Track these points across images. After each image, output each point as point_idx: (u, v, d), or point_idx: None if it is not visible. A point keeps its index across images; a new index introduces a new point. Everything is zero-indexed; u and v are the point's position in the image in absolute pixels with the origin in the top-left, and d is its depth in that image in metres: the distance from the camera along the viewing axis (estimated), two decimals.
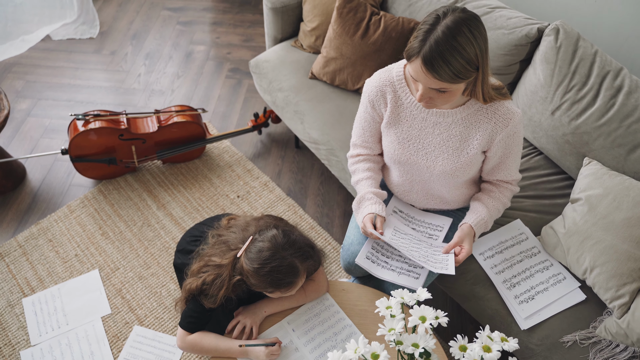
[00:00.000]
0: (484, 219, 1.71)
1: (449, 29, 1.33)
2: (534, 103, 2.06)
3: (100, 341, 2.09)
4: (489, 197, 1.75)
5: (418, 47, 1.36)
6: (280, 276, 1.52)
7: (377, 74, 1.68)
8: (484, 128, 1.59)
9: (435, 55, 1.34)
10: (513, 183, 1.77)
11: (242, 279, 1.59)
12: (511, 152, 1.65)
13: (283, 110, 2.45)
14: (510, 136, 1.59)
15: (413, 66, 1.41)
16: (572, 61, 1.95)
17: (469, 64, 1.37)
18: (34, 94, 3.07)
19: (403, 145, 1.69)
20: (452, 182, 1.72)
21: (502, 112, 1.56)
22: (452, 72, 1.36)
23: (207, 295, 1.63)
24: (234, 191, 2.58)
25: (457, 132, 1.62)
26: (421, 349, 1.24)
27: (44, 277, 2.28)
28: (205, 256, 1.68)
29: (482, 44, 1.38)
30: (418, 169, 1.72)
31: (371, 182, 1.79)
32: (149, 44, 3.41)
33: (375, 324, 1.70)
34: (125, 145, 2.48)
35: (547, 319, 1.73)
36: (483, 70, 1.42)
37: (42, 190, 2.61)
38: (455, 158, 1.65)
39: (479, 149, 1.62)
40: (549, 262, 1.85)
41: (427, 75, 1.39)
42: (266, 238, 1.57)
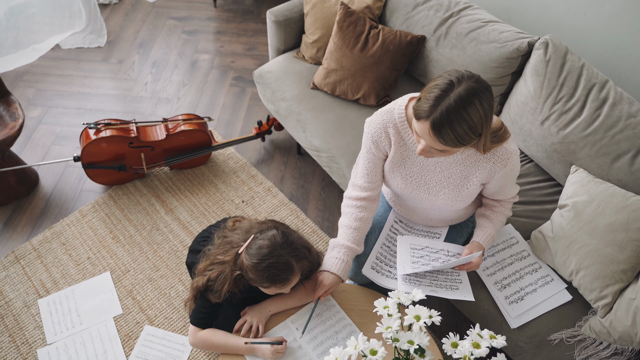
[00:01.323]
0: (491, 234, 1.82)
1: (461, 100, 1.37)
2: (525, 113, 2.16)
3: (112, 340, 2.19)
4: (492, 212, 1.84)
5: (428, 111, 1.40)
6: (277, 272, 1.63)
7: (378, 114, 1.71)
8: (482, 167, 1.66)
9: (445, 123, 1.39)
10: (513, 197, 1.87)
11: (241, 274, 1.70)
12: (509, 182, 1.73)
13: (286, 119, 2.56)
14: (508, 173, 1.67)
15: (420, 126, 1.45)
16: (560, 74, 2.06)
17: (473, 133, 1.42)
18: (44, 101, 3.18)
19: (406, 181, 1.77)
20: (453, 209, 1.82)
21: (501, 154, 1.62)
22: (455, 139, 1.42)
23: (212, 291, 1.74)
24: (239, 196, 2.69)
25: (458, 170, 1.69)
26: (416, 346, 1.35)
27: (58, 279, 2.38)
28: (211, 256, 1.79)
29: (489, 114, 1.42)
30: (420, 200, 1.82)
31: (355, 235, 1.81)
32: (155, 52, 3.52)
33: (374, 322, 1.80)
34: (135, 153, 2.59)
35: (536, 318, 1.84)
36: (485, 135, 1.47)
37: (54, 195, 2.72)
38: (455, 193, 1.73)
39: (478, 184, 1.71)
40: (537, 265, 1.96)
41: (433, 138, 1.44)
42: (266, 237, 1.68)
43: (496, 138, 1.57)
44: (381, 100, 2.43)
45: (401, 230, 1.98)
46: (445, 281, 1.76)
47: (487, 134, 1.47)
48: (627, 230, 1.76)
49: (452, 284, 1.75)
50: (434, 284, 1.73)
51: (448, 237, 1.96)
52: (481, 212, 1.88)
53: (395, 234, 1.97)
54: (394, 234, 1.97)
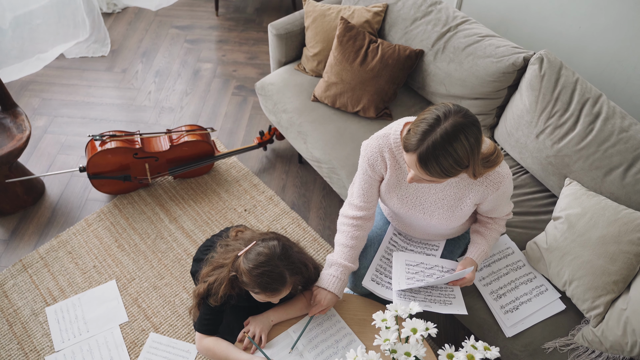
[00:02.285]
0: (484, 250, 1.87)
1: (447, 135, 1.42)
2: (520, 126, 2.22)
3: (118, 347, 2.25)
4: (486, 229, 1.90)
5: (415, 145, 1.46)
6: (269, 280, 1.68)
7: (374, 139, 1.76)
8: (475, 190, 1.72)
9: (430, 157, 1.45)
10: (507, 215, 1.92)
11: (236, 276, 1.75)
12: (502, 203, 1.78)
13: (287, 130, 2.62)
14: (501, 195, 1.73)
15: (408, 158, 1.52)
16: (555, 89, 2.11)
17: (459, 165, 1.48)
18: (49, 111, 3.24)
19: (402, 201, 1.83)
20: (448, 227, 1.87)
21: (493, 178, 1.68)
22: (441, 172, 1.48)
23: (211, 295, 1.80)
24: (241, 205, 2.75)
25: (451, 193, 1.75)
26: (412, 357, 1.41)
27: (64, 287, 2.44)
28: (213, 262, 1.85)
29: (474, 148, 1.46)
30: (415, 218, 1.88)
31: (351, 254, 1.86)
32: (158, 61, 3.58)
33: (373, 331, 1.86)
34: (139, 163, 2.65)
35: (530, 327, 1.89)
36: (473, 165, 1.51)
37: (60, 205, 2.77)
38: (450, 213, 1.79)
39: (472, 205, 1.76)
40: (532, 275, 2.01)
41: (420, 170, 1.51)
42: (267, 245, 1.73)
43: (488, 163, 1.62)
44: (380, 112, 2.49)
45: (400, 243, 2.04)
46: (439, 296, 1.82)
47: (475, 164, 1.52)
48: (619, 242, 1.82)
49: (445, 299, 1.81)
50: (428, 299, 1.79)
51: (446, 249, 2.01)
52: (475, 229, 1.94)
53: (395, 246, 2.03)
54: (393, 246, 2.03)
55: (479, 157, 1.54)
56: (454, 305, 1.77)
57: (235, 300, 1.85)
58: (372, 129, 2.43)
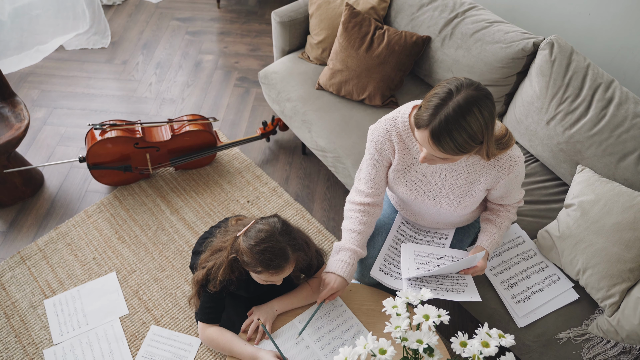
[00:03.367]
0: (495, 238, 1.82)
1: (460, 108, 1.38)
2: (530, 113, 2.17)
3: (119, 340, 2.20)
4: (497, 217, 1.84)
5: (427, 120, 1.42)
6: (272, 257, 1.62)
7: (382, 122, 1.71)
8: (487, 174, 1.66)
9: (443, 132, 1.40)
10: (518, 202, 1.87)
11: (236, 258, 1.70)
12: (513, 188, 1.73)
13: (291, 120, 2.57)
14: (513, 180, 1.68)
15: (420, 134, 1.46)
16: (566, 74, 2.06)
17: (473, 141, 1.43)
18: (49, 102, 3.18)
19: (411, 187, 1.77)
20: (458, 214, 1.83)
21: (505, 161, 1.63)
22: (455, 147, 1.43)
23: (210, 281, 1.74)
24: (244, 196, 2.70)
25: (462, 177, 1.70)
26: (425, 345, 1.35)
27: (63, 279, 2.39)
28: (211, 248, 1.80)
29: (489, 122, 1.42)
30: (425, 205, 1.82)
31: (359, 239, 1.80)
32: (159, 53, 3.53)
33: (382, 322, 1.81)
34: (140, 153, 2.59)
35: (543, 317, 1.84)
36: (487, 142, 1.47)
37: (59, 196, 2.72)
38: (460, 200, 1.74)
39: (483, 190, 1.71)
40: (544, 264, 1.96)
41: (432, 147, 1.45)
42: (266, 222, 1.68)
43: (501, 145, 1.57)
44: (386, 100, 2.44)
45: (408, 232, 1.98)
46: (451, 285, 1.76)
47: (489, 141, 1.47)
48: (634, 229, 1.76)
49: (457, 287, 1.75)
50: (439, 287, 1.74)
51: (455, 238, 1.96)
52: (486, 217, 1.88)
53: (403, 235, 1.97)
54: (401, 235, 1.97)
55: (493, 133, 1.49)
56: (466, 292, 1.71)
57: (235, 285, 1.79)
58: (378, 117, 2.37)
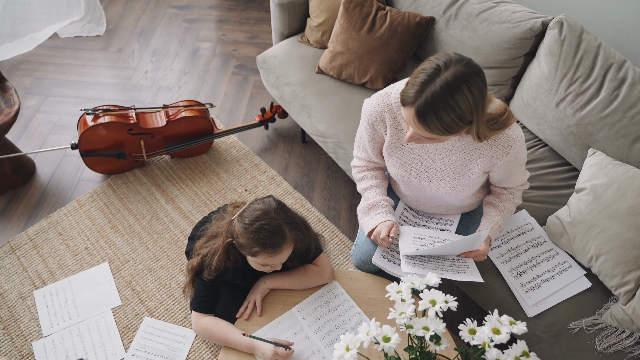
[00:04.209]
0: (498, 223, 1.72)
1: (447, 85, 1.30)
2: (539, 95, 2.08)
3: (111, 332, 2.11)
4: (499, 200, 1.75)
5: (413, 98, 1.34)
6: (267, 235, 1.56)
7: (375, 97, 1.65)
8: (484, 155, 1.58)
9: (429, 111, 1.32)
10: (523, 185, 1.78)
11: (232, 242, 1.62)
12: (514, 170, 1.64)
13: (290, 105, 2.48)
14: (512, 161, 1.58)
15: (405, 112, 1.39)
16: (576, 54, 1.98)
17: (461, 121, 1.35)
18: (42, 90, 3.10)
19: (405, 167, 1.70)
20: (457, 198, 1.74)
21: (502, 140, 1.54)
22: (442, 127, 1.35)
23: (206, 268, 1.67)
24: (242, 185, 2.61)
25: (457, 158, 1.62)
26: (432, 332, 1.26)
27: (54, 269, 2.30)
28: (207, 234, 1.73)
29: (479, 101, 1.35)
30: (422, 188, 1.75)
31: (381, 190, 1.79)
32: (155, 41, 3.44)
33: (384, 312, 1.72)
34: (134, 140, 2.51)
35: (553, 307, 1.76)
36: (477, 122, 1.39)
37: (51, 184, 2.64)
38: (457, 181, 1.65)
39: (480, 172, 1.62)
40: (554, 251, 1.87)
41: (418, 126, 1.38)
42: (261, 202, 1.63)
43: (497, 124, 1.48)
44: (389, 84, 2.35)
45: (411, 219, 1.90)
46: (451, 266, 1.68)
47: (479, 121, 1.39)
48: None
49: (459, 269, 1.67)
50: (439, 267, 1.65)
51: (461, 224, 1.87)
52: (488, 201, 1.79)
53: (406, 222, 1.89)
54: (405, 222, 1.89)
55: (484, 113, 1.40)
56: (467, 274, 1.63)
57: (231, 273, 1.72)
58: None
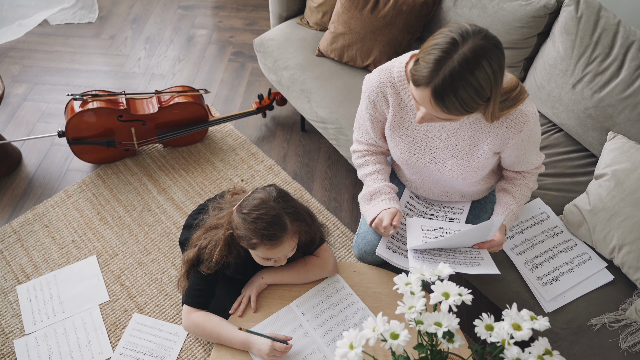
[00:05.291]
0: (513, 210, 1.59)
1: (467, 62, 1.17)
2: (553, 77, 1.95)
3: (97, 329, 1.98)
4: (513, 186, 1.62)
5: (428, 77, 1.20)
6: (266, 225, 1.43)
7: (376, 72, 1.53)
8: (494, 133, 1.44)
9: (448, 91, 1.19)
10: (537, 168, 1.65)
11: (232, 234, 1.50)
12: (528, 150, 1.50)
13: (289, 90, 2.35)
14: (525, 140, 1.45)
15: (420, 93, 1.25)
16: (594, 32, 1.85)
17: (480, 98, 1.23)
18: (30, 78, 2.97)
19: (409, 148, 1.57)
20: (465, 182, 1.61)
21: (515, 117, 1.40)
22: (461, 107, 1.23)
23: (204, 261, 1.54)
24: (238, 175, 2.48)
25: (466, 136, 1.48)
26: (445, 328, 1.14)
27: (39, 263, 2.17)
28: (205, 225, 1.60)
29: (498, 76, 1.23)
30: (427, 171, 1.61)
31: (383, 176, 1.66)
32: (149, 28, 3.31)
33: (390, 307, 1.60)
34: (125, 127, 2.38)
35: (573, 301, 1.63)
36: (494, 100, 1.27)
37: (38, 175, 2.51)
38: (464, 162, 1.52)
39: (491, 153, 1.49)
40: (572, 242, 1.74)
41: (435, 107, 1.25)
42: (262, 190, 1.51)
43: (509, 101, 1.36)
44: None
45: (418, 207, 1.77)
46: (464, 259, 1.54)
47: (495, 98, 1.27)
48: None
49: (472, 261, 1.53)
50: (450, 261, 1.52)
51: (471, 213, 1.74)
52: (501, 186, 1.66)
53: (412, 211, 1.76)
54: (410, 211, 1.76)
55: (501, 88, 1.27)
56: (482, 266, 1.49)
57: (233, 269, 1.59)
58: None
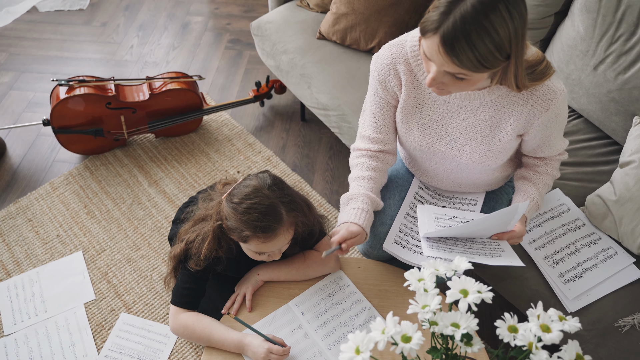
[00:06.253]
0: (535, 199, 1.44)
1: (481, 4, 1.05)
2: (572, 58, 1.81)
3: (82, 330, 1.85)
4: (534, 173, 1.47)
5: (437, 21, 1.07)
6: (259, 216, 1.28)
7: (386, 48, 1.39)
8: (518, 111, 1.30)
9: (459, 35, 1.06)
10: (561, 154, 1.51)
11: (222, 226, 1.36)
12: (554, 132, 1.36)
13: (288, 75, 2.21)
14: (552, 119, 1.31)
15: (428, 43, 1.12)
16: (618, 8, 1.71)
17: (499, 51, 1.09)
18: (17, 66, 2.84)
19: (423, 132, 1.42)
20: (482, 169, 1.46)
21: (542, 93, 1.27)
22: (475, 59, 1.08)
23: (192, 257, 1.40)
24: (234, 166, 2.34)
25: (486, 116, 1.34)
26: (463, 330, 1.00)
27: (21, 259, 2.04)
28: (193, 218, 1.46)
29: (519, 30, 1.10)
30: (442, 157, 1.47)
31: (372, 186, 1.46)
32: (142, 15, 3.17)
33: (398, 306, 1.46)
34: (114, 115, 2.24)
35: (598, 300, 1.49)
36: (516, 59, 1.13)
37: (22, 166, 2.37)
38: (484, 146, 1.38)
39: (513, 135, 1.35)
40: (596, 236, 1.60)
41: (444, 57, 1.10)
42: (254, 177, 1.36)
43: (535, 74, 1.23)
44: None
45: (428, 198, 1.63)
46: (482, 250, 1.40)
47: (518, 58, 1.13)
48: None
49: (492, 252, 1.39)
50: (468, 251, 1.38)
51: (486, 205, 1.60)
52: (521, 174, 1.51)
53: (422, 202, 1.61)
54: (420, 202, 1.61)
55: (524, 51, 1.13)
56: (504, 257, 1.35)
57: (224, 265, 1.45)
58: None
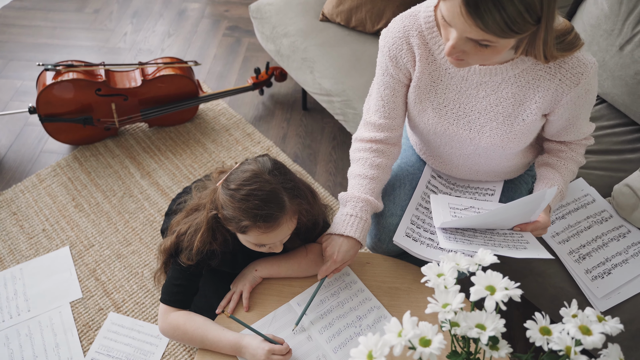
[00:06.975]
0: (559, 187, 1.31)
1: None
2: (596, 39, 1.68)
3: (67, 331, 1.72)
4: (558, 159, 1.34)
5: None
6: (259, 203, 1.14)
7: (397, 20, 1.25)
8: (545, 87, 1.17)
9: None
10: (587, 139, 1.37)
11: (217, 216, 1.23)
12: (582, 112, 1.24)
13: (289, 60, 2.08)
14: (582, 96, 1.18)
15: (448, 5, 0.98)
16: None
17: (529, 12, 0.94)
18: (5, 54, 2.72)
19: (439, 112, 1.29)
20: (502, 154, 1.33)
21: (570, 66, 1.14)
22: (503, 21, 0.94)
23: (183, 250, 1.27)
24: (232, 157, 2.21)
25: (509, 93, 1.21)
26: (490, 332, 0.87)
27: (4, 255, 1.91)
28: (186, 208, 1.33)
29: None
30: (459, 141, 1.33)
31: (373, 186, 1.34)
32: (137, 2, 3.05)
33: (410, 305, 1.33)
34: (104, 102, 2.11)
35: (630, 299, 1.37)
36: (547, 23, 0.99)
37: (8, 157, 2.24)
38: (507, 127, 1.25)
39: (539, 114, 1.22)
40: (625, 229, 1.48)
41: (467, 21, 0.96)
42: (253, 161, 1.23)
43: (564, 44, 1.09)
44: None
45: (441, 188, 1.50)
46: (505, 241, 1.27)
47: (549, 22, 0.99)
48: None
49: (516, 244, 1.26)
50: (489, 243, 1.25)
51: (504, 195, 1.47)
52: (543, 161, 1.38)
53: (434, 192, 1.48)
54: (432, 192, 1.48)
55: (555, 14, 0.99)
56: (529, 250, 1.22)
57: (219, 260, 1.31)
58: None
